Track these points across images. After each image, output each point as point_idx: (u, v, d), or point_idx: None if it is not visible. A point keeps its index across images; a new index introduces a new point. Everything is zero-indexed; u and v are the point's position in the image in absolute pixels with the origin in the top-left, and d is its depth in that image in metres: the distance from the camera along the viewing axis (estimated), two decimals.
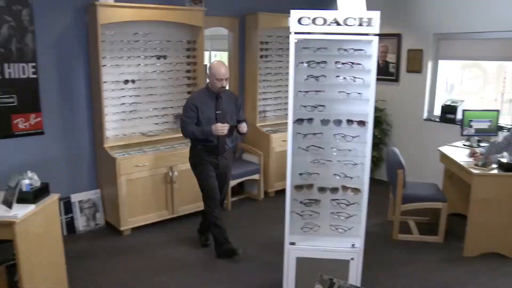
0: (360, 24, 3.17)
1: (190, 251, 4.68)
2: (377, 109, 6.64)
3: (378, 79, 6.54)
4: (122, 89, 5.11)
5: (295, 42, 3.22)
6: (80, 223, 5.04)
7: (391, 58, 6.75)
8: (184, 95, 5.58)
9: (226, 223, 4.57)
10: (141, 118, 5.32)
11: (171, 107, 5.53)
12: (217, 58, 6.91)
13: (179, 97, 5.56)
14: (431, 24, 6.30)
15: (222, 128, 4.19)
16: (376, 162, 6.86)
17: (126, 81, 5.11)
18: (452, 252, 4.74)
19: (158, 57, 5.33)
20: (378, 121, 6.73)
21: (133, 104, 5.22)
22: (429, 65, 6.43)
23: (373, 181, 6.53)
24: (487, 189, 4.51)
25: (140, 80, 5.23)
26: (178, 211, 5.32)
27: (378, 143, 6.79)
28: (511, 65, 6.16)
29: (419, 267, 4.45)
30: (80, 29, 4.87)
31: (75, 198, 5.03)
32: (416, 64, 6.51)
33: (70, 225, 5.01)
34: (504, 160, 4.60)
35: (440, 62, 6.50)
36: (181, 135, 4.47)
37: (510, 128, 5.46)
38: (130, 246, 4.76)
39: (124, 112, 5.17)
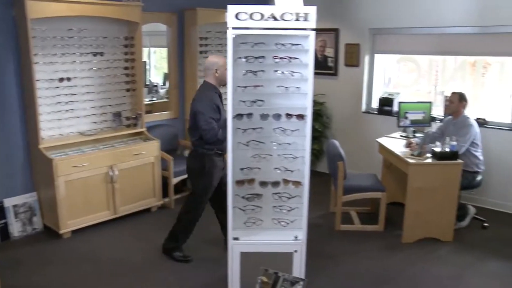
0: (297, 19, 3.20)
1: (134, 251, 4.60)
2: (316, 103, 6.76)
3: (317, 73, 6.67)
4: (57, 87, 4.92)
5: (233, 37, 3.21)
6: (15, 229, 4.81)
7: (329, 52, 6.88)
8: (123, 92, 5.47)
9: (172, 221, 4.51)
10: (78, 117, 5.15)
11: (110, 105, 5.40)
12: (156, 54, 6.79)
13: (117, 95, 5.44)
14: (366, 19, 6.47)
15: None
16: (317, 154, 6.98)
17: (61, 79, 4.93)
18: (392, 240, 4.91)
19: (95, 54, 5.18)
20: (318, 115, 6.85)
21: (69, 102, 5.04)
22: (366, 59, 6.61)
23: (315, 174, 6.65)
24: (423, 178, 4.70)
25: (76, 77, 5.06)
26: (121, 211, 5.21)
27: (319, 136, 6.91)
28: (442, 59, 6.44)
29: (361, 256, 4.57)
30: (8, 23, 4.62)
31: (8, 202, 4.80)
32: (353, 58, 6.67)
33: (3, 232, 4.76)
34: (438, 150, 4.80)
35: (377, 56, 6.69)
36: (121, 133, 4.36)
37: (443, 119, 5.71)
38: (71, 250, 4.60)
39: (60, 111, 4.98)
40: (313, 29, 3.23)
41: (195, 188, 4.32)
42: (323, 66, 6.92)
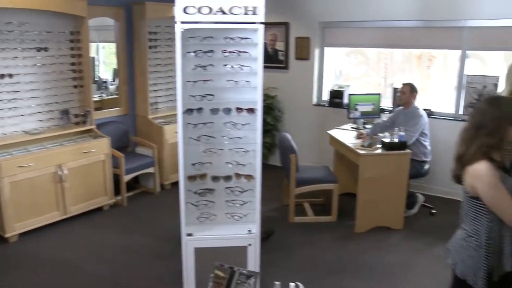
0: (246, 13, 3.19)
1: (87, 251, 4.50)
2: (268, 96, 6.80)
3: (268, 67, 6.71)
4: None
5: (181, 32, 3.18)
6: None
7: (280, 46, 6.92)
8: (70, 89, 5.31)
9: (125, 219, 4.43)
10: (23, 115, 4.96)
11: (57, 103, 5.23)
12: (105, 49, 6.62)
13: (64, 92, 5.28)
14: (316, 13, 6.54)
15: None
16: (269, 148, 7.02)
17: (2, 76, 4.72)
18: (345, 230, 5.00)
19: (38, 49, 4.99)
20: (270, 108, 6.88)
21: (12, 100, 4.84)
22: (316, 52, 6.69)
23: (267, 167, 6.70)
24: (373, 168, 4.80)
25: (19, 74, 4.86)
26: (71, 211, 5.07)
27: (271, 129, 6.96)
28: (390, 52, 6.60)
29: (315, 247, 4.64)
30: None
31: None
32: (304, 51, 6.73)
33: None
34: (387, 140, 4.92)
35: (326, 49, 6.78)
36: (69, 131, 4.23)
37: (392, 110, 5.86)
38: (18, 254, 4.43)
39: (2, 109, 4.78)
40: (262, 23, 3.23)
41: None
42: (274, 60, 6.96)
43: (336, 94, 6.52)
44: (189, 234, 3.51)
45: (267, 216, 5.15)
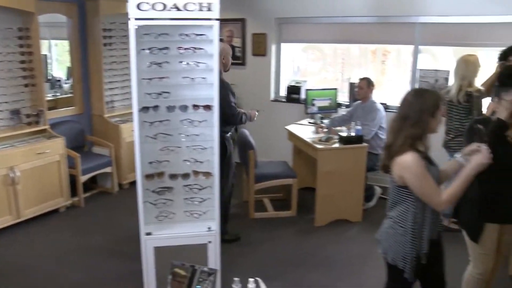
0: (200, 9, 3.16)
1: (42, 255, 4.38)
2: None
3: None
4: None
5: (135, 29, 3.12)
6: None
7: (237, 42, 6.91)
8: (20, 88, 5.14)
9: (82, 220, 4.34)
10: None
11: (6, 102, 5.05)
12: (58, 47, 6.43)
13: (14, 91, 5.11)
14: (272, 9, 6.57)
15: (255, 115, 4.56)
16: None
17: None
18: (305, 224, 5.06)
19: None
20: None
21: None
22: (273, 48, 6.72)
23: None
24: (331, 162, 4.87)
25: None
26: (25, 214, 4.93)
27: None
28: (346, 47, 6.70)
29: (276, 242, 4.67)
30: None
31: None
32: (261, 47, 6.75)
33: None
34: (344, 134, 4.99)
35: (283, 45, 6.82)
36: (21, 131, 4.10)
37: (348, 104, 5.95)
38: None
39: None
40: (217, 19, 3.21)
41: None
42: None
43: (294, 90, 6.57)
44: (148, 233, 3.46)
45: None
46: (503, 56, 4.18)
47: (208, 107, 3.35)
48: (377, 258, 4.31)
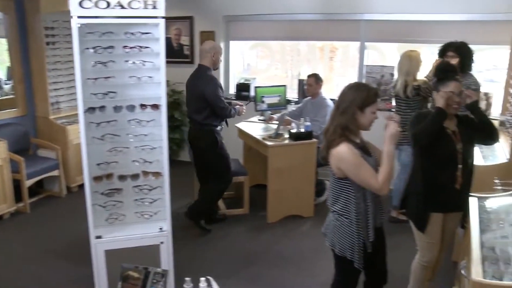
0: (145, 7, 3.12)
1: None
2: (174, 92, 6.73)
3: (174, 62, 6.64)
4: None
5: (78, 27, 3.04)
6: None
7: (185, 40, 6.86)
8: None
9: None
10: None
11: None
12: None
13: None
14: (220, 7, 6.55)
15: (243, 109, 4.82)
16: (178, 144, 6.95)
17: None
18: (258, 221, 5.09)
19: None
20: (177, 103, 6.82)
21: None
22: (221, 46, 6.68)
23: (177, 163, 6.66)
24: (281, 159, 4.91)
25: None
26: None
27: (180, 125, 6.89)
28: (295, 44, 6.77)
29: (229, 240, 4.68)
30: None
31: None
32: None
33: None
34: (294, 130, 5.05)
35: (232, 43, 6.82)
36: None
37: (297, 101, 6.02)
38: None
39: None
40: (163, 17, 3.18)
41: (211, 164, 4.70)
42: (180, 55, 6.89)
43: (243, 87, 6.58)
44: (98, 237, 3.40)
45: (179, 212, 5.10)
46: (442, 52, 4.36)
47: (156, 107, 3.31)
48: (330, 251, 4.42)
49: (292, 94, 6.46)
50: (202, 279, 2.31)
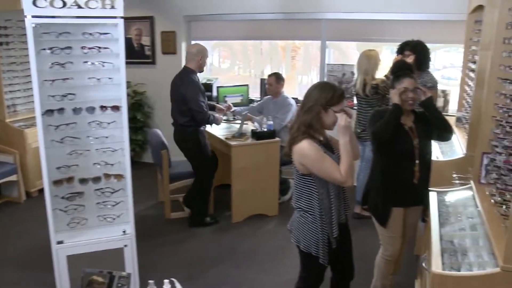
0: (103, 7, 3.06)
1: None
2: (136, 93, 6.65)
3: (134, 63, 6.56)
4: None
5: (33, 27, 2.95)
6: None
7: (145, 41, 6.77)
8: None
9: None
10: None
11: None
12: None
13: None
14: (180, 6, 6.51)
15: (221, 119, 5.01)
16: (141, 145, 6.87)
17: None
18: (223, 221, 5.07)
19: None
20: (139, 105, 6.74)
21: None
22: (183, 46, 6.65)
23: (141, 165, 6.60)
24: (245, 158, 4.91)
25: None
26: None
27: (142, 126, 6.81)
28: (257, 44, 6.79)
29: (196, 240, 4.67)
30: None
31: None
32: (170, 46, 6.67)
33: None
34: (256, 130, 5.06)
35: (193, 43, 6.77)
36: None
37: (260, 100, 6.04)
38: None
39: None
40: (122, 17, 3.13)
41: (197, 163, 4.83)
42: (141, 55, 6.80)
43: (205, 87, 6.51)
44: (60, 242, 3.33)
45: (143, 214, 5.05)
46: (400, 50, 4.46)
47: (116, 108, 3.26)
48: (296, 248, 4.46)
49: (255, 93, 6.47)
50: (166, 281, 2.29)
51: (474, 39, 4.20)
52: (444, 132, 3.12)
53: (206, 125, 4.89)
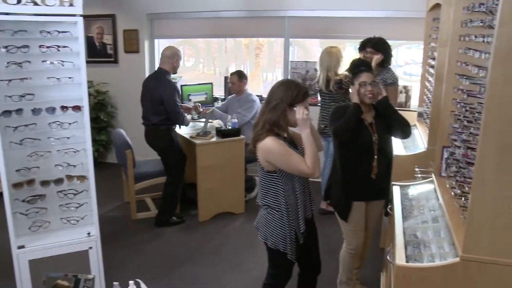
0: (62, 5, 2.99)
1: None
2: (99, 92, 6.54)
3: (97, 62, 6.46)
4: None
5: None
6: None
7: (107, 39, 6.67)
8: None
9: None
10: None
11: None
12: None
13: None
14: (143, 4, 6.44)
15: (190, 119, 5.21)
16: (105, 145, 6.76)
17: None
18: (189, 220, 5.06)
19: None
20: (102, 104, 6.63)
21: None
22: (146, 44, 6.59)
23: (105, 165, 6.49)
24: (210, 156, 4.91)
25: None
26: None
27: (106, 126, 6.71)
28: (221, 42, 6.77)
29: (162, 240, 4.63)
30: None
31: None
32: (133, 44, 6.58)
33: None
34: (221, 128, 5.06)
35: (157, 41, 6.72)
36: None
37: (224, 98, 6.03)
38: None
39: None
40: (81, 15, 3.07)
41: (170, 160, 4.86)
42: (103, 54, 6.69)
43: None
44: (21, 247, 3.23)
45: (109, 215, 4.98)
46: (362, 47, 4.53)
47: (77, 108, 3.19)
48: (263, 245, 4.47)
49: (219, 91, 6.46)
50: (131, 282, 2.26)
51: (433, 36, 4.30)
52: (402, 130, 3.17)
53: (177, 125, 4.93)
